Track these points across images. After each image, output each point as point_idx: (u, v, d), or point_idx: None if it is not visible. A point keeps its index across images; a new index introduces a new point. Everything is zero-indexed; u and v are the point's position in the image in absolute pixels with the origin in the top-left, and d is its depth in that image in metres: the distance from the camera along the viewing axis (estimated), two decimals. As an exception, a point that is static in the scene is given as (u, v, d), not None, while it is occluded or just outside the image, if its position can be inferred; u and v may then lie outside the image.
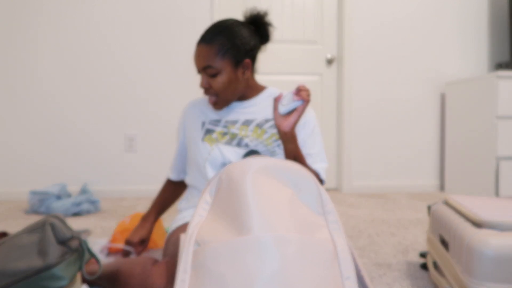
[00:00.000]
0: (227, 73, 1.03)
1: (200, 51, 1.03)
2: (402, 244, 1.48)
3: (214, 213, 0.74)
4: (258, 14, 1.11)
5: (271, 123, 1.10)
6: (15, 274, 0.70)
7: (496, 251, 0.77)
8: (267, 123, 1.10)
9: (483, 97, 2.31)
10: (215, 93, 1.04)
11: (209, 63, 1.01)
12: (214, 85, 1.03)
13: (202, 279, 0.62)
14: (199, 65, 1.04)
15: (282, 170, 0.77)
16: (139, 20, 2.54)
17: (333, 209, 0.74)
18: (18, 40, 2.46)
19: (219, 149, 1.06)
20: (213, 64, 1.01)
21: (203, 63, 1.02)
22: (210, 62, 1.01)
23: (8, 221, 1.88)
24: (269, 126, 1.10)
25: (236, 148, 1.06)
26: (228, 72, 1.03)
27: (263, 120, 1.10)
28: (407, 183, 2.78)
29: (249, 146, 1.06)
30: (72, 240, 0.78)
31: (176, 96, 2.58)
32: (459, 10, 2.79)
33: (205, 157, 1.07)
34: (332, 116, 2.81)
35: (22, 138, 2.49)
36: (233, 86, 1.05)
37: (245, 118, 1.11)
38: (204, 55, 1.02)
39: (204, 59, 1.02)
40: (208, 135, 1.10)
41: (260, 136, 1.08)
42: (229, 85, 1.04)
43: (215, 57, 1.01)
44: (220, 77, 1.03)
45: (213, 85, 1.03)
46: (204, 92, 1.06)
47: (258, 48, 1.12)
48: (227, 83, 1.03)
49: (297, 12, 2.74)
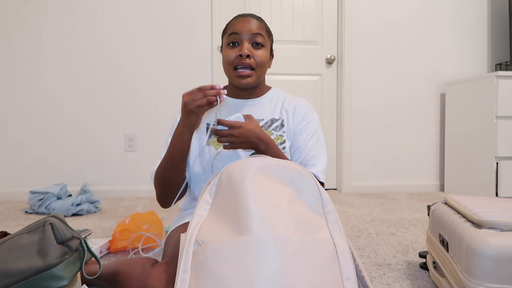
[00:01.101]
0: (267, 51, 1.08)
1: (251, 20, 1.06)
2: (402, 244, 1.48)
3: (214, 213, 0.74)
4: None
5: (277, 124, 1.10)
6: (15, 274, 0.70)
7: (496, 251, 0.77)
8: (273, 124, 1.10)
9: (482, 97, 2.31)
10: (255, 64, 1.04)
11: (260, 32, 1.05)
12: (256, 56, 1.04)
13: (202, 279, 0.61)
14: (249, 29, 1.04)
15: (282, 170, 0.77)
16: (139, 21, 2.54)
17: (333, 209, 0.74)
18: (19, 41, 2.46)
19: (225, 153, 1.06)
20: (263, 34, 1.05)
21: (256, 29, 1.04)
22: (261, 31, 1.05)
23: (8, 221, 1.88)
24: (275, 127, 1.09)
25: (241, 150, 1.05)
26: (267, 50, 1.08)
27: (269, 121, 1.10)
28: (407, 183, 2.78)
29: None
30: (72, 240, 0.78)
31: (176, 96, 2.58)
32: (459, 10, 2.79)
33: (210, 161, 1.06)
34: (332, 116, 2.81)
35: (22, 138, 2.48)
36: (265, 68, 1.09)
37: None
38: (257, 24, 1.05)
39: (256, 27, 1.05)
40: (213, 137, 1.08)
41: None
42: (265, 63, 1.07)
43: (264, 31, 1.06)
44: (264, 51, 1.06)
45: (255, 56, 1.04)
46: (241, 61, 1.02)
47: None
48: (266, 59, 1.07)
49: (297, 12, 2.74)
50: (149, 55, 2.56)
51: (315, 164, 1.08)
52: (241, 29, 1.03)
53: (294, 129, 1.11)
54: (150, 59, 2.56)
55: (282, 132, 1.09)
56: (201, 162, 1.08)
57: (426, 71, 2.78)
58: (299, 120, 1.11)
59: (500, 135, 2.21)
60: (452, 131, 2.63)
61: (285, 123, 1.10)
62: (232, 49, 1.04)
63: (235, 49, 1.04)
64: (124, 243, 1.36)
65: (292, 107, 1.13)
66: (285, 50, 2.73)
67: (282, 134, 1.09)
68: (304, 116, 1.12)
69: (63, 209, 2.00)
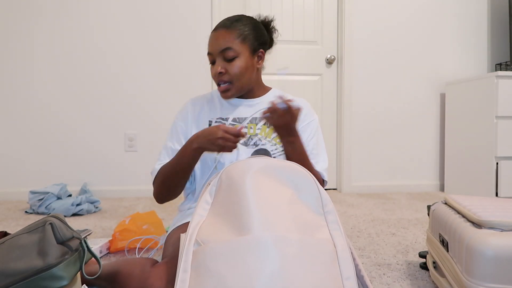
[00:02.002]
0: (245, 58, 1.04)
1: (219, 35, 1.03)
2: (402, 244, 1.48)
3: (214, 213, 0.74)
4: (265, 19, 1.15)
5: None
6: (15, 274, 0.70)
7: (496, 251, 0.77)
8: None
9: (483, 97, 2.31)
10: (230, 78, 1.04)
11: (229, 45, 1.02)
12: (231, 70, 1.03)
13: (202, 279, 0.61)
14: (217, 48, 1.03)
15: (282, 170, 0.77)
16: (139, 21, 2.54)
17: (333, 209, 0.74)
18: (17, 41, 2.46)
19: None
20: (233, 46, 1.02)
21: (222, 45, 1.02)
22: (230, 44, 1.02)
23: (8, 221, 1.88)
24: None
25: (244, 147, 1.06)
26: (245, 58, 1.04)
27: None
28: (407, 183, 2.78)
29: (258, 145, 1.06)
30: (72, 240, 0.78)
31: (176, 96, 2.58)
32: (459, 10, 2.79)
33: (213, 156, 1.06)
34: (332, 116, 2.81)
35: (22, 138, 2.48)
36: (248, 74, 1.06)
37: (252, 115, 1.11)
38: (224, 38, 1.02)
39: (224, 41, 1.02)
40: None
41: (268, 135, 1.08)
42: (245, 71, 1.04)
43: (234, 40, 1.03)
44: (238, 61, 1.03)
45: (229, 70, 1.03)
46: (217, 78, 1.05)
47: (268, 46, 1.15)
48: (244, 68, 1.04)
49: (297, 13, 2.74)
50: (149, 55, 2.56)
51: (318, 163, 1.09)
52: (211, 48, 1.05)
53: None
54: (150, 59, 2.56)
55: None
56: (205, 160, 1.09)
57: (426, 71, 2.78)
58: (300, 120, 1.11)
59: (500, 135, 2.21)
60: (452, 131, 2.63)
61: None
62: (212, 68, 1.06)
63: (213, 68, 1.06)
64: (124, 243, 1.36)
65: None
66: (285, 50, 2.73)
67: None
68: (304, 116, 1.13)
69: (63, 209, 2.00)
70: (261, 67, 1.11)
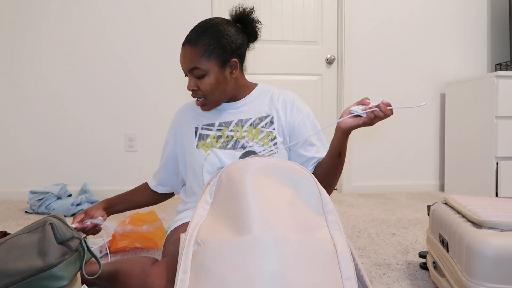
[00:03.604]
0: (214, 74, 1.00)
1: (185, 52, 1.00)
2: (402, 244, 1.48)
3: (214, 213, 0.74)
4: (244, 11, 1.08)
5: (266, 121, 1.08)
6: (15, 274, 0.70)
7: (496, 251, 0.77)
8: (262, 122, 1.08)
9: (482, 97, 2.31)
10: (203, 95, 1.02)
11: (195, 65, 0.99)
12: (202, 87, 1.01)
13: (202, 279, 0.61)
14: (185, 67, 1.02)
15: (282, 170, 0.77)
16: (140, 21, 2.54)
17: (333, 209, 0.74)
18: (20, 40, 2.46)
19: (215, 154, 1.04)
20: (199, 65, 0.99)
21: (188, 65, 1.00)
22: (196, 63, 0.99)
23: (8, 221, 1.88)
24: (264, 124, 1.07)
25: (232, 150, 1.04)
26: (215, 73, 1.00)
27: (257, 119, 1.08)
28: (407, 183, 2.78)
29: (245, 148, 1.04)
30: (72, 240, 0.78)
31: (176, 96, 2.58)
32: (459, 10, 2.79)
33: (201, 163, 1.05)
34: (332, 116, 2.81)
35: (22, 138, 2.48)
36: (222, 87, 1.03)
37: (238, 118, 1.09)
38: (190, 56, 0.99)
39: (190, 60, 0.99)
40: (202, 141, 1.07)
41: (255, 136, 1.06)
42: (217, 86, 1.01)
43: (200, 58, 0.99)
44: (208, 78, 1.00)
45: (201, 87, 1.01)
46: (192, 94, 1.04)
47: (246, 46, 1.09)
48: (215, 84, 1.01)
49: (297, 13, 2.74)
50: (150, 55, 2.56)
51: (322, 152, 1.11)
52: (181, 66, 1.04)
53: (291, 124, 1.09)
54: (150, 59, 2.56)
55: (272, 129, 1.07)
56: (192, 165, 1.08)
57: (426, 71, 2.78)
58: (294, 116, 1.09)
59: (500, 135, 2.21)
60: (452, 131, 2.63)
61: (275, 120, 1.08)
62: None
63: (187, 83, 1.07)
64: (124, 243, 1.36)
65: (282, 102, 1.10)
66: (285, 50, 2.73)
67: (272, 130, 1.07)
68: (297, 111, 1.10)
69: (63, 209, 2.00)
70: (237, 74, 1.06)
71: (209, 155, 1.05)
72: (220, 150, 1.04)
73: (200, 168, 1.05)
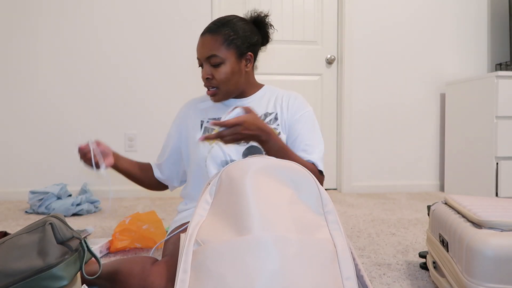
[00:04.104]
0: (231, 64, 1.05)
1: (205, 40, 1.05)
2: (402, 244, 1.48)
3: (214, 213, 0.74)
4: (259, 15, 1.14)
5: (271, 118, 1.11)
6: (15, 274, 0.70)
7: (496, 251, 0.77)
8: (267, 118, 1.11)
9: (483, 97, 2.31)
10: (217, 84, 1.05)
11: (214, 52, 1.03)
12: (217, 76, 1.04)
13: (202, 279, 0.61)
14: (203, 55, 1.05)
15: (282, 170, 0.77)
16: (139, 21, 2.54)
17: (333, 209, 0.74)
18: (18, 40, 2.46)
19: (219, 146, 1.07)
20: (218, 53, 1.03)
21: (207, 53, 1.04)
22: (215, 51, 1.03)
23: (8, 221, 1.88)
24: (269, 121, 1.11)
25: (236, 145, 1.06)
26: (231, 63, 1.05)
27: (263, 115, 1.12)
28: (407, 183, 2.78)
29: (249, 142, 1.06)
30: (72, 240, 0.78)
31: (176, 96, 2.58)
32: (459, 10, 2.79)
33: (205, 155, 1.07)
34: (332, 116, 2.81)
35: (22, 138, 2.48)
36: (235, 78, 1.07)
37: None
38: (209, 44, 1.03)
39: (209, 48, 1.03)
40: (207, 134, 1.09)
41: None
42: (231, 76, 1.05)
43: (220, 46, 1.03)
44: (224, 67, 1.04)
45: (215, 76, 1.04)
46: (205, 83, 1.07)
47: (260, 45, 1.14)
48: (230, 74, 1.05)
49: (297, 13, 2.74)
50: (149, 55, 2.56)
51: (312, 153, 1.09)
52: (198, 54, 1.06)
53: (290, 120, 1.12)
54: (150, 59, 2.56)
55: (276, 125, 1.11)
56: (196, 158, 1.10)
57: (426, 71, 2.78)
58: (293, 112, 1.13)
59: (500, 135, 2.21)
60: (452, 131, 2.63)
61: (279, 116, 1.12)
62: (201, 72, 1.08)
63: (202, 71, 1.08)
64: (124, 243, 1.36)
65: (286, 100, 1.15)
66: (285, 50, 2.73)
67: (277, 127, 1.11)
68: (297, 108, 1.14)
69: (63, 209, 2.00)
70: (250, 69, 1.11)
71: (213, 147, 1.07)
72: None
73: (204, 161, 1.07)
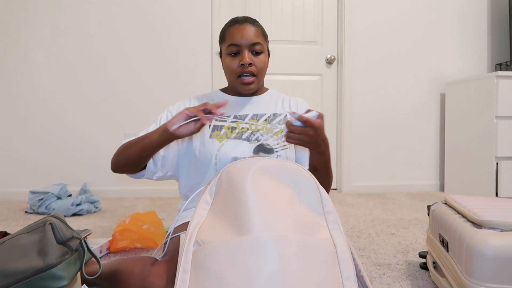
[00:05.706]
0: (266, 55, 1.12)
1: (248, 28, 1.09)
2: (402, 244, 1.48)
3: (214, 213, 0.74)
4: None
5: (280, 118, 1.13)
6: (15, 274, 0.70)
7: (496, 251, 0.77)
8: (276, 118, 1.13)
9: (483, 97, 2.31)
10: (256, 71, 1.09)
11: (259, 40, 1.09)
12: (257, 63, 1.09)
13: (202, 279, 0.61)
14: (250, 40, 1.08)
15: (282, 170, 0.77)
16: (139, 21, 2.54)
17: (333, 209, 0.74)
18: (17, 42, 2.46)
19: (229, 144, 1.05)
20: (261, 42, 1.09)
21: (253, 39, 1.08)
22: (259, 39, 1.09)
23: (8, 221, 1.88)
24: (278, 121, 1.12)
25: (247, 142, 1.06)
26: (266, 55, 1.12)
27: (272, 115, 1.13)
28: (407, 183, 2.78)
29: (260, 140, 1.06)
30: (72, 240, 0.78)
31: (176, 96, 2.58)
32: (459, 10, 2.79)
33: (214, 153, 1.05)
34: (332, 116, 2.81)
35: (22, 138, 2.48)
36: (266, 70, 1.14)
37: (253, 112, 1.13)
38: (254, 32, 1.09)
39: (255, 35, 1.08)
40: (216, 131, 1.09)
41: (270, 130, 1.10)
42: (265, 67, 1.12)
43: (262, 36, 1.11)
44: (263, 56, 1.10)
45: (256, 63, 1.08)
46: (243, 69, 1.07)
47: None
48: (266, 64, 1.12)
49: (297, 13, 2.74)
50: (149, 55, 2.56)
51: None
52: (239, 40, 1.07)
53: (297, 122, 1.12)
54: (150, 59, 2.56)
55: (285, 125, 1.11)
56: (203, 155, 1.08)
57: (426, 71, 2.78)
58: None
59: (500, 135, 2.21)
60: (452, 131, 2.63)
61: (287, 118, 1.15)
62: (233, 59, 1.09)
63: (236, 59, 1.09)
64: (124, 243, 1.36)
65: (294, 103, 1.19)
66: (285, 50, 2.73)
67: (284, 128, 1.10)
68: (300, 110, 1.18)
69: (63, 209, 2.00)
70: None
71: (223, 145, 1.05)
72: (235, 140, 1.07)
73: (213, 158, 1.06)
